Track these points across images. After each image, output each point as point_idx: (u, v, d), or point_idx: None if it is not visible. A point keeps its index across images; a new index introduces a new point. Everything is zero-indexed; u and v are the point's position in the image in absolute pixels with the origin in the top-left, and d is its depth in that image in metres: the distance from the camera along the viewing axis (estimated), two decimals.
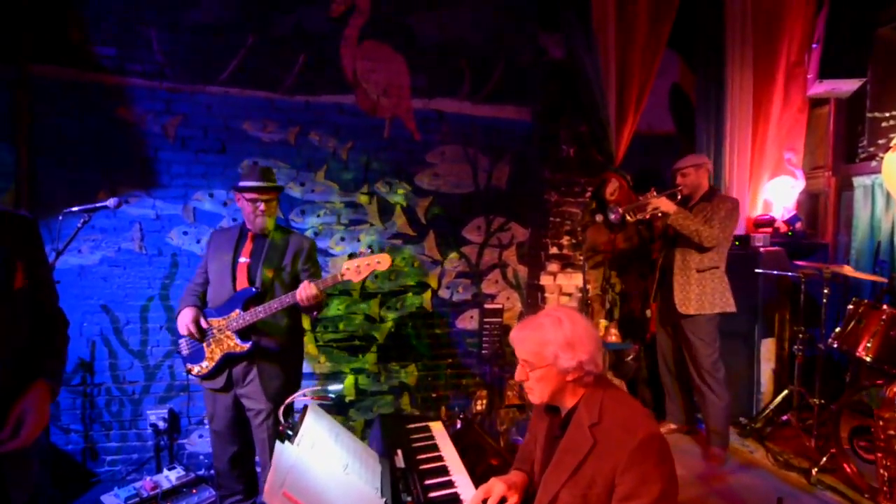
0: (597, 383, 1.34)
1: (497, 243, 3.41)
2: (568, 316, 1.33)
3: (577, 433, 1.30)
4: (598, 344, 1.34)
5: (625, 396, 1.36)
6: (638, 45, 3.44)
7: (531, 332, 1.34)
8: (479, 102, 3.32)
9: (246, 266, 1.98)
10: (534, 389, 1.37)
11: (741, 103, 3.77)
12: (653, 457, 1.18)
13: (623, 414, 1.28)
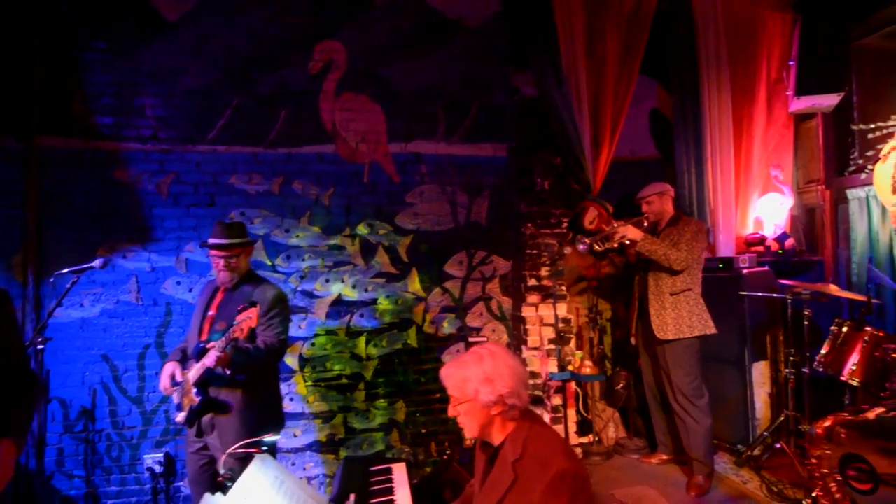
0: (524, 418, 1.39)
1: (480, 277, 3.48)
2: (490, 353, 1.40)
3: (502, 469, 1.35)
4: (520, 378, 1.40)
5: (549, 432, 1.40)
6: (610, 78, 3.54)
7: (455, 370, 1.41)
8: (456, 142, 3.45)
9: (211, 319, 2.10)
10: (464, 424, 1.44)
11: (720, 124, 3.78)
12: (566, 493, 1.22)
13: (542, 449, 1.32)
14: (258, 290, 2.11)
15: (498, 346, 1.47)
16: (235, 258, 2.11)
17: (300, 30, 3.20)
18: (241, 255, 2.14)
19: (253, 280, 2.21)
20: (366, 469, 2.05)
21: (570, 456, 1.31)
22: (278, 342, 2.07)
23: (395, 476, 1.97)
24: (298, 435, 3.17)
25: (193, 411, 2.06)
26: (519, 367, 1.41)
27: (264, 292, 2.11)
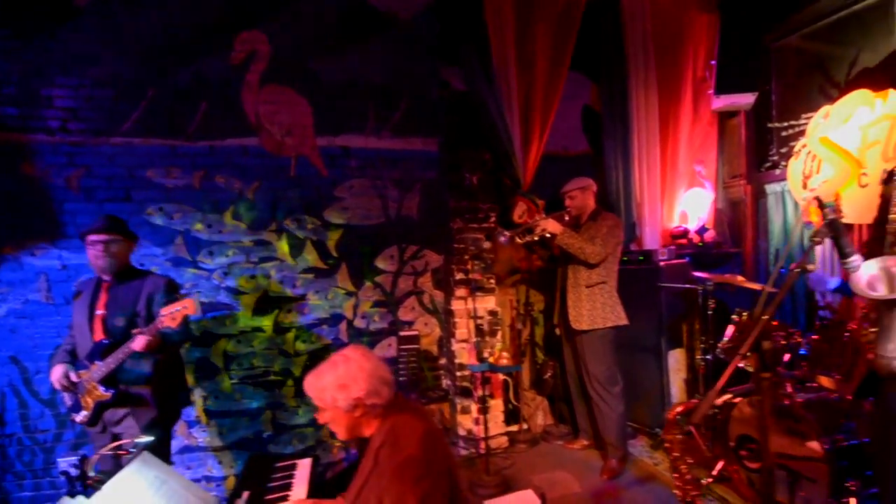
0: (390, 410, 1.44)
1: (412, 271, 3.50)
2: (344, 359, 1.44)
3: (367, 457, 1.41)
4: (378, 377, 1.44)
5: (414, 421, 1.44)
6: (540, 74, 3.59)
7: (313, 380, 1.45)
8: (386, 136, 3.44)
9: (101, 318, 2.06)
10: (334, 429, 1.48)
11: (647, 120, 3.90)
12: (410, 477, 1.27)
13: (400, 437, 1.37)
14: (148, 282, 2.13)
15: (356, 349, 1.50)
16: (116, 244, 2.09)
17: (220, 18, 3.10)
18: (121, 243, 2.13)
19: (138, 274, 2.23)
20: (270, 465, 2.05)
21: (426, 443, 1.36)
22: None
23: (297, 473, 1.98)
24: (223, 433, 3.13)
25: (101, 406, 2.05)
26: (376, 368, 1.45)
27: (155, 283, 2.16)
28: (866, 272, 1.20)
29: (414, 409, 1.51)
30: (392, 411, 1.46)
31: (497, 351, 3.07)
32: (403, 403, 1.51)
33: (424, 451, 1.32)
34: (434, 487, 1.29)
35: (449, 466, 1.40)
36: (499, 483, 2.74)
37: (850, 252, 1.24)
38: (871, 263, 1.20)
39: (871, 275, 1.19)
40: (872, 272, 1.19)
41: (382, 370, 1.51)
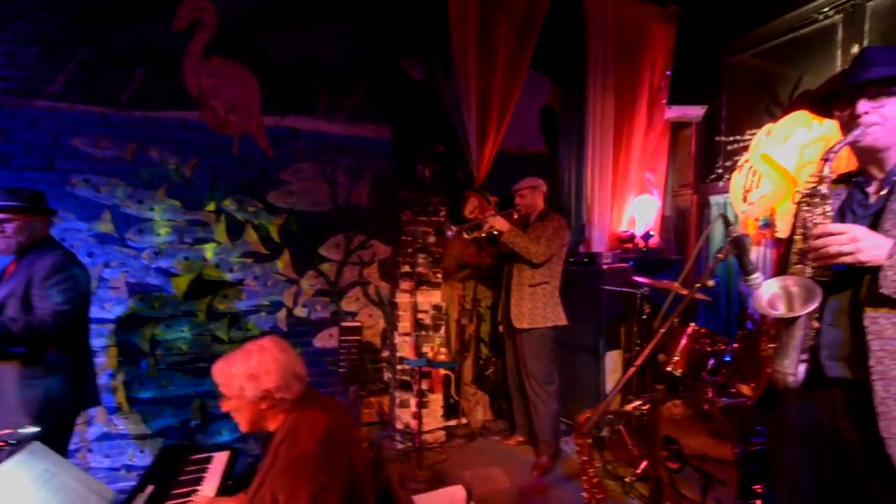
0: (297, 407, 1.40)
1: (358, 261, 3.42)
2: (259, 349, 1.38)
3: (268, 453, 1.37)
4: (290, 372, 1.39)
5: (317, 417, 1.40)
6: (499, 70, 3.56)
7: (223, 366, 1.38)
8: (338, 121, 3.33)
9: None
10: (237, 418, 1.42)
11: (603, 125, 3.95)
12: (304, 474, 1.24)
13: (300, 433, 1.33)
14: (40, 262, 1.92)
15: (273, 341, 1.45)
16: (11, 223, 1.91)
17: None
18: (19, 222, 1.94)
19: (45, 247, 2.02)
20: (185, 458, 1.96)
21: (326, 439, 1.33)
22: (51, 314, 1.87)
23: (212, 466, 1.89)
24: (148, 421, 2.98)
25: None
26: (290, 362, 1.41)
27: (42, 258, 1.93)
28: (768, 291, 1.23)
29: (323, 405, 1.46)
30: (299, 406, 1.42)
31: (436, 346, 3.05)
32: (313, 398, 1.47)
33: (322, 446, 1.29)
34: (329, 484, 1.25)
35: (351, 463, 1.36)
36: (430, 478, 2.73)
37: (752, 269, 1.27)
38: (773, 283, 1.23)
39: (772, 293, 1.22)
40: (773, 291, 1.22)
41: (297, 365, 1.46)
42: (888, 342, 1.13)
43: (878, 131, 1.21)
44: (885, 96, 1.21)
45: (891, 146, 1.23)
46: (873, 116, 1.21)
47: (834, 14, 3.40)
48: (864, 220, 1.25)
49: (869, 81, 1.21)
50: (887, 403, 1.12)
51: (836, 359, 1.22)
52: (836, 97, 1.30)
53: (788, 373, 1.22)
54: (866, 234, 1.14)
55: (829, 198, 1.24)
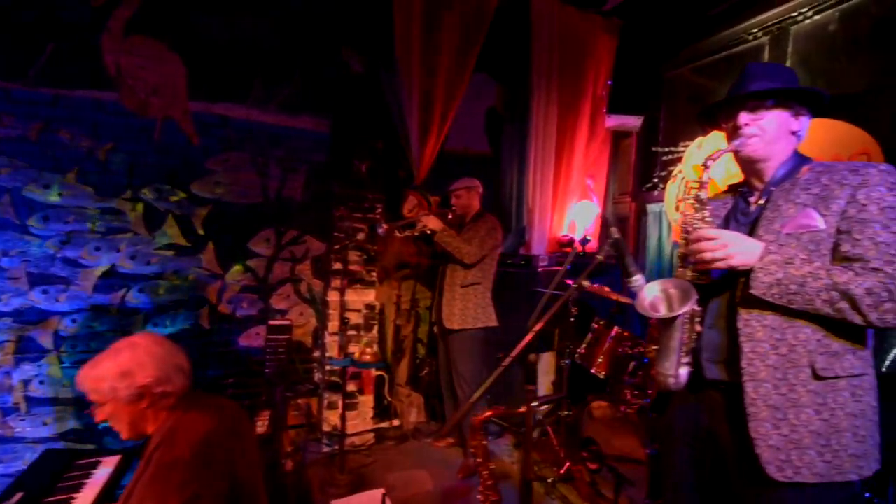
0: (179, 405, 1.31)
1: (290, 257, 3.30)
2: (130, 344, 1.29)
3: (143, 459, 1.26)
4: (170, 364, 1.30)
5: (201, 418, 1.31)
6: (444, 69, 3.53)
7: (89, 370, 1.27)
8: (272, 110, 3.21)
9: None
10: (116, 426, 1.31)
11: (546, 130, 4.00)
12: (174, 481, 1.15)
13: (176, 436, 1.24)
14: None
15: (146, 335, 1.35)
16: None
17: None
18: None
19: None
20: (68, 463, 1.80)
21: (204, 445, 1.24)
22: None
23: (97, 473, 1.75)
24: (49, 423, 2.76)
25: None
26: (169, 354, 1.31)
27: None
28: (650, 294, 1.24)
29: (208, 407, 1.37)
30: (181, 407, 1.32)
31: (362, 346, 2.98)
32: (198, 399, 1.37)
33: (197, 453, 1.20)
34: (202, 495, 1.16)
35: (232, 473, 1.28)
36: (352, 482, 2.65)
37: (632, 272, 1.29)
38: (654, 286, 1.25)
39: (654, 296, 1.23)
40: (655, 294, 1.23)
41: (178, 357, 1.37)
42: (758, 344, 1.16)
43: (757, 143, 1.25)
44: (764, 109, 1.25)
45: (769, 157, 1.27)
46: (752, 128, 1.25)
47: (762, 35, 3.57)
48: (744, 228, 1.29)
49: (747, 95, 1.25)
50: (756, 404, 1.15)
51: (715, 361, 1.25)
52: (720, 109, 1.34)
53: (669, 374, 1.24)
54: (737, 239, 1.17)
55: (707, 204, 1.27)
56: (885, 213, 1.10)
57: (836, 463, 1.12)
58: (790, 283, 1.11)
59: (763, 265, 1.14)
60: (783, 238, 1.18)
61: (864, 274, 1.07)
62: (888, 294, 1.05)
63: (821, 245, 1.14)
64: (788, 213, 1.19)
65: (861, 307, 1.06)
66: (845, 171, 1.16)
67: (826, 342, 1.13)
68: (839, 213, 1.13)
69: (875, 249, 1.08)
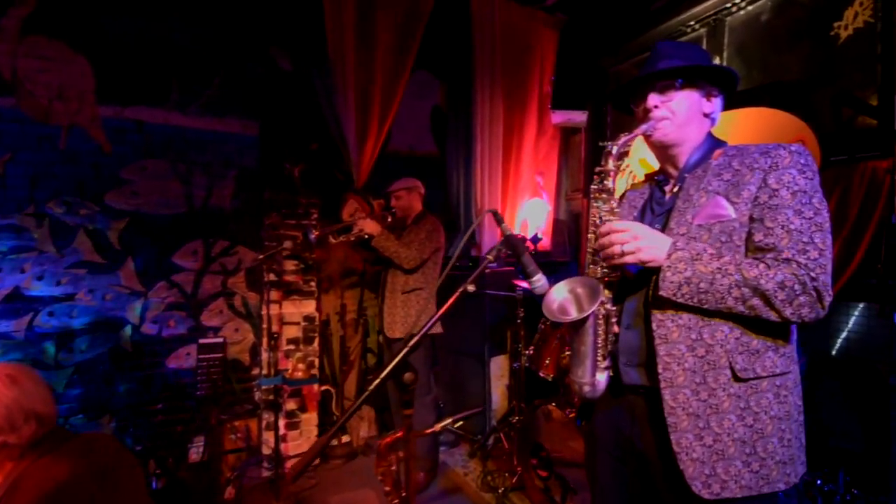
0: (30, 453, 1.12)
1: (220, 269, 3.09)
2: None
3: None
4: (20, 409, 1.12)
5: (52, 467, 1.13)
6: (381, 66, 3.39)
7: None
8: (194, 114, 2.99)
9: None
10: None
11: (492, 127, 3.90)
12: None
13: (19, 489, 1.06)
14: None
15: (5, 368, 1.16)
16: None
17: None
18: None
19: None
20: None
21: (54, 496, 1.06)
22: None
23: None
24: None
25: None
26: (19, 396, 1.13)
27: None
28: (558, 295, 1.13)
29: (71, 450, 1.18)
30: (33, 454, 1.13)
31: (294, 361, 2.80)
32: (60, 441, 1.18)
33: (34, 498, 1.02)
34: None
35: None
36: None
37: (532, 271, 1.19)
38: (562, 286, 1.15)
39: (563, 298, 1.12)
40: (564, 295, 1.13)
41: (35, 401, 1.17)
42: (674, 346, 1.06)
43: (667, 126, 1.16)
44: (673, 90, 1.16)
45: (682, 142, 1.19)
46: (662, 111, 1.17)
47: (699, 27, 3.57)
48: (659, 219, 1.20)
49: (654, 74, 1.16)
50: (676, 413, 1.05)
51: (634, 364, 1.15)
52: (629, 92, 1.25)
53: (584, 382, 1.13)
54: (647, 232, 1.07)
55: (614, 193, 1.17)
56: (796, 198, 1.01)
57: (763, 472, 1.03)
58: (699, 282, 1.02)
59: (671, 263, 1.04)
60: (695, 230, 1.08)
61: (776, 266, 0.99)
62: (801, 287, 0.97)
63: (733, 235, 1.05)
64: (700, 201, 1.10)
65: (774, 303, 0.98)
66: (756, 154, 1.08)
67: (745, 340, 1.04)
68: (751, 200, 1.05)
69: (787, 238, 1.00)
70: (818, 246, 0.99)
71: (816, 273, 0.97)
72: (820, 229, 1.00)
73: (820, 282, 0.97)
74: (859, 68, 2.66)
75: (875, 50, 2.56)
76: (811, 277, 0.97)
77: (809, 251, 0.98)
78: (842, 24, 2.76)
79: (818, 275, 0.97)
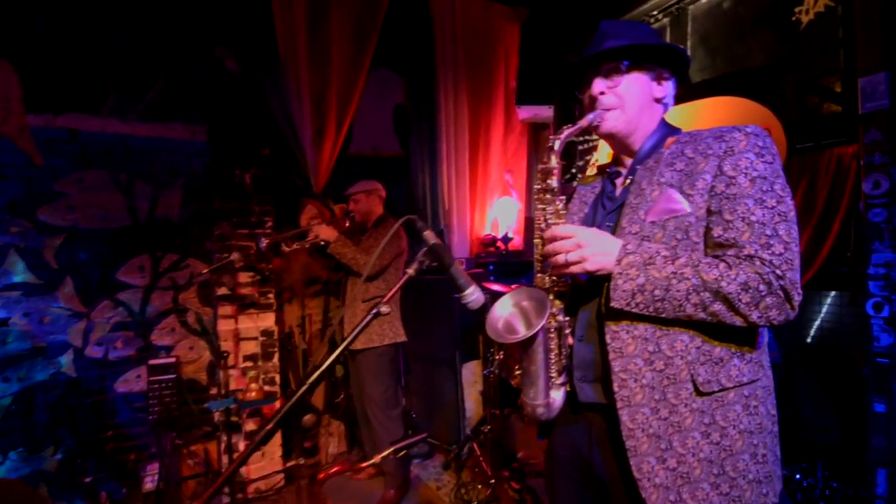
0: None
1: (170, 285, 2.90)
2: None
3: None
4: None
5: None
6: (337, 65, 3.24)
7: None
8: (134, 120, 2.80)
9: None
10: None
11: (457, 125, 3.79)
12: None
13: None
14: None
15: None
16: None
17: None
18: None
19: None
20: None
21: None
22: None
23: None
24: None
25: None
26: None
27: None
28: (501, 313, 1.01)
29: None
30: None
31: (248, 381, 2.63)
32: None
33: None
34: None
35: None
36: None
37: (464, 284, 1.06)
38: (505, 302, 1.03)
39: (509, 314, 1.00)
40: (509, 311, 1.01)
41: None
42: (630, 360, 0.95)
43: (616, 114, 1.06)
44: (619, 73, 1.05)
45: (633, 130, 1.08)
46: (610, 98, 1.05)
47: (662, 17, 3.51)
48: (611, 216, 1.09)
49: (598, 55, 1.04)
50: (636, 436, 0.94)
51: (590, 380, 1.04)
52: (573, 77, 1.13)
53: (537, 404, 1.01)
54: (593, 238, 0.96)
55: (558, 193, 1.05)
56: (756, 185, 0.91)
57: (734, 494, 0.92)
58: (654, 289, 0.90)
59: (622, 269, 0.93)
60: (648, 228, 0.97)
61: (738, 265, 0.88)
62: (767, 287, 0.86)
63: (690, 232, 0.94)
64: (653, 195, 0.99)
65: (738, 307, 0.87)
66: (709, 139, 0.98)
67: (707, 349, 0.94)
68: (706, 191, 0.94)
69: (749, 231, 0.89)
70: (783, 239, 0.88)
71: (783, 270, 0.87)
72: (784, 219, 0.90)
73: (787, 280, 0.87)
74: (823, 54, 2.61)
75: (837, 34, 2.51)
76: (777, 275, 0.87)
77: (774, 245, 0.88)
78: (803, 8, 2.72)
79: (784, 272, 0.87)
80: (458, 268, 1.04)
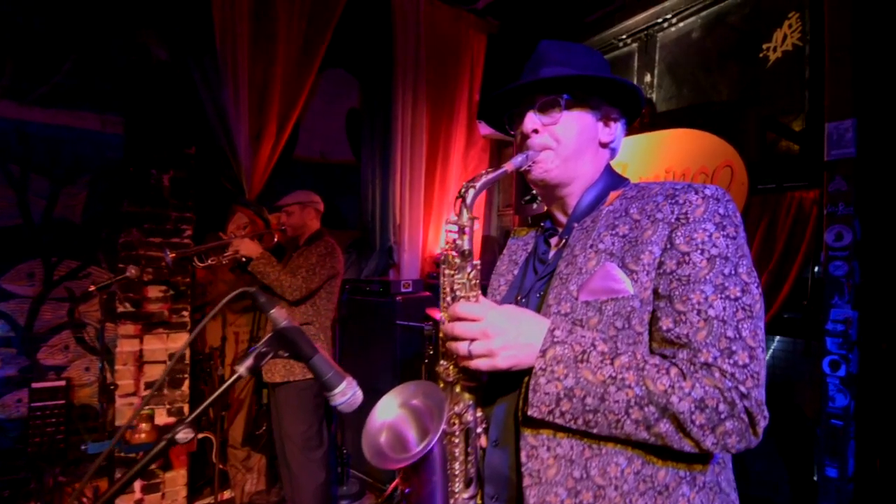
0: None
1: (66, 296, 2.52)
2: None
3: None
4: None
5: None
6: (282, 62, 2.95)
7: None
8: (35, 104, 2.42)
9: None
10: None
11: (414, 136, 3.54)
12: None
13: None
14: None
15: None
16: None
17: None
18: None
19: None
20: None
21: None
22: None
23: None
24: None
25: None
26: None
27: None
28: (384, 416, 0.77)
29: None
30: None
31: (137, 419, 2.29)
32: None
33: None
34: None
35: None
36: None
37: (331, 381, 0.76)
38: (389, 402, 0.79)
39: (395, 417, 0.76)
40: (396, 413, 0.76)
41: None
42: (549, 490, 0.71)
43: (550, 158, 0.84)
44: (558, 109, 0.83)
45: (571, 180, 0.86)
46: (544, 137, 0.83)
47: (631, 42, 3.41)
48: (541, 283, 0.86)
49: (531, 85, 0.83)
50: None
51: (503, 500, 0.80)
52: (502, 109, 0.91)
53: None
54: (509, 323, 0.72)
55: (471, 257, 0.82)
56: (715, 267, 0.70)
57: None
58: (585, 396, 0.68)
59: (546, 363, 0.70)
60: (580, 309, 0.75)
61: (693, 374, 0.67)
62: (728, 408, 0.65)
63: (632, 319, 0.73)
64: (588, 266, 0.77)
65: (690, 430, 0.66)
66: (660, 198, 0.77)
67: (648, 473, 0.71)
68: (653, 267, 0.73)
69: (706, 330, 0.68)
70: (747, 344, 0.67)
71: (748, 387, 0.66)
72: (749, 315, 0.69)
73: (752, 400, 0.66)
74: (787, 92, 2.54)
75: (804, 74, 2.43)
76: (741, 393, 0.66)
77: (737, 353, 0.67)
78: (771, 45, 2.64)
79: (750, 389, 0.66)
80: (322, 358, 0.77)
